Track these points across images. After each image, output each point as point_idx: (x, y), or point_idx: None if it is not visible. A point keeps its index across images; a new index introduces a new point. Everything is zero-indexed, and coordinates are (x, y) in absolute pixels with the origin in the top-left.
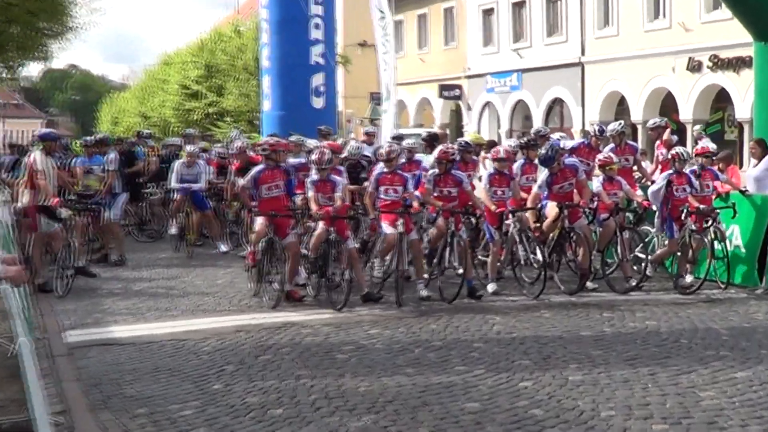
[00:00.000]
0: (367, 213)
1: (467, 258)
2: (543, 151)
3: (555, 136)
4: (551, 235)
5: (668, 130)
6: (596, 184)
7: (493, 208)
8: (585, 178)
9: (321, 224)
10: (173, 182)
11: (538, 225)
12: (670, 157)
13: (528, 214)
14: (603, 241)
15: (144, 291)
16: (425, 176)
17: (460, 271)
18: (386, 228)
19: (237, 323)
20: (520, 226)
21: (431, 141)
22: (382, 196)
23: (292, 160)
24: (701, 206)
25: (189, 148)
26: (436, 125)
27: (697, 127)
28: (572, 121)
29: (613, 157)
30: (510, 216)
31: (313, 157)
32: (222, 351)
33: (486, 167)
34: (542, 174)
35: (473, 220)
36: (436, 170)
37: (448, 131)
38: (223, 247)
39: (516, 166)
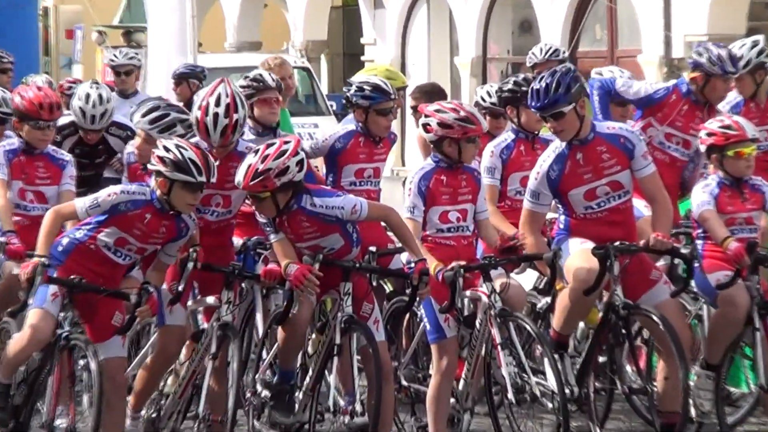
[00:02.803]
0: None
1: (383, 387)
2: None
3: (603, 71)
4: (583, 325)
5: None
6: (702, 196)
7: (433, 267)
8: (654, 171)
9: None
10: None
11: (548, 301)
12: None
13: (521, 276)
14: (718, 342)
15: None
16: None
17: (362, 420)
18: (168, 316)
19: None
20: (502, 303)
21: (430, 98)
22: (206, 217)
23: None
24: None
25: None
26: (293, 46)
27: None
28: (639, 35)
29: (743, 126)
30: (480, 280)
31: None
32: None
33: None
34: (545, 156)
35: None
36: (429, 165)
37: (324, 66)
38: None
39: (489, 152)
